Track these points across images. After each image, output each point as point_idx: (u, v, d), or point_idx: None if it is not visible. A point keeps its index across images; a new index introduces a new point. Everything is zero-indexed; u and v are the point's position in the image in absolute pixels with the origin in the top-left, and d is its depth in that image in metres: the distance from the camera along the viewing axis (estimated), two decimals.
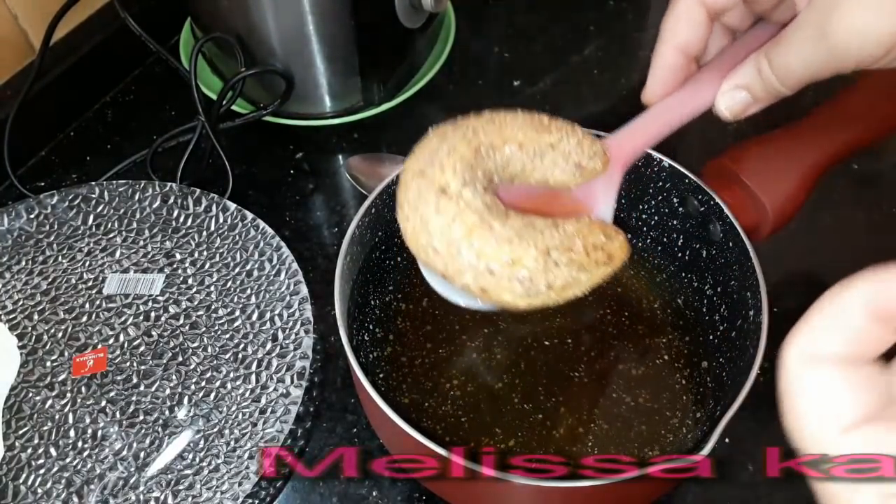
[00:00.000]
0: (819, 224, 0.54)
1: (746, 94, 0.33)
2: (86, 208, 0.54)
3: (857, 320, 0.19)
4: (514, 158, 0.33)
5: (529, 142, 0.33)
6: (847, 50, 0.29)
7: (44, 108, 0.60)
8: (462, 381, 0.46)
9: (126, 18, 0.59)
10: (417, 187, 0.32)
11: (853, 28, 0.28)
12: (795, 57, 0.31)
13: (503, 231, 0.31)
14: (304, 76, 0.58)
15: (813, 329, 0.19)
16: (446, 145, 0.32)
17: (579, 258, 0.32)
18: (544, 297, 0.32)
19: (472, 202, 0.31)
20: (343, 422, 0.47)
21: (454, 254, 0.31)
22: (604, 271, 0.33)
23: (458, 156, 0.32)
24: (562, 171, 0.34)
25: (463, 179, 0.31)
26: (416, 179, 0.32)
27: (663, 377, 0.45)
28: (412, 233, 0.32)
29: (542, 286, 0.31)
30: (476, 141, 0.33)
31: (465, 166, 0.32)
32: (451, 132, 0.33)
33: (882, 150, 0.59)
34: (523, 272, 0.31)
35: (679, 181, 0.45)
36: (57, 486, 0.43)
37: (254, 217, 0.53)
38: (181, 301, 0.50)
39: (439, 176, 0.31)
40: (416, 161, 0.33)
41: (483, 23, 0.70)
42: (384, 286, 0.49)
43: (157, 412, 0.45)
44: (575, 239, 0.32)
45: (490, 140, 0.33)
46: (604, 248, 0.33)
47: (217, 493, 0.42)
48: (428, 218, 0.31)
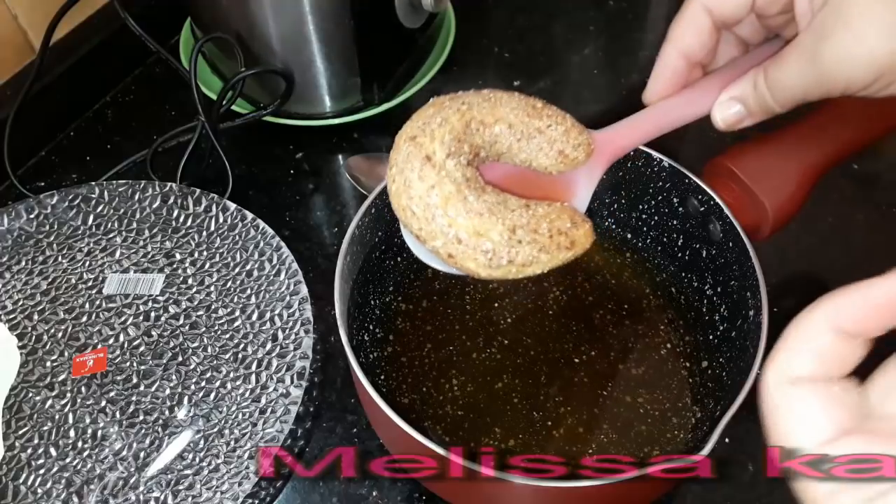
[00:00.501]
0: (819, 224, 0.54)
1: (741, 106, 0.34)
2: (86, 208, 0.54)
3: (824, 340, 0.20)
4: (502, 137, 0.35)
5: (519, 124, 0.35)
6: (836, 76, 0.30)
7: (44, 108, 0.60)
8: (462, 381, 0.46)
9: (126, 18, 0.60)
10: (407, 151, 0.34)
11: (842, 56, 0.29)
12: (788, 77, 0.31)
13: (476, 204, 0.33)
14: (304, 76, 0.58)
15: (786, 352, 0.20)
16: (440, 116, 0.34)
17: (542, 240, 0.34)
18: (504, 270, 0.34)
19: (452, 173, 0.33)
20: (343, 422, 0.47)
21: (429, 218, 0.33)
22: (564, 255, 0.35)
23: (448, 127, 0.34)
24: (545, 156, 0.35)
25: (449, 150, 0.33)
26: (407, 143, 0.34)
27: (663, 377, 0.45)
28: (395, 192, 0.34)
29: (504, 260, 0.33)
30: (469, 115, 0.34)
31: (453, 138, 0.33)
32: (448, 103, 0.35)
33: (882, 150, 0.59)
34: (487, 244, 0.33)
35: (679, 181, 0.45)
36: (57, 486, 0.43)
37: (254, 217, 0.53)
38: (181, 301, 0.50)
39: (428, 144, 0.33)
40: (411, 126, 0.35)
41: (483, 23, 0.70)
42: (384, 286, 0.49)
43: (157, 412, 0.45)
44: (542, 221, 0.34)
45: (482, 116, 0.34)
46: (567, 234, 0.35)
47: (217, 493, 0.42)
48: (411, 181, 0.33)
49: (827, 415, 0.19)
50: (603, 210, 0.51)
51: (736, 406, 0.35)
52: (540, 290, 0.49)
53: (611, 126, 0.38)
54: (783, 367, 0.20)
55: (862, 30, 0.28)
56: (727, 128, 0.35)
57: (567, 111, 0.36)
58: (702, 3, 0.34)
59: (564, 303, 0.49)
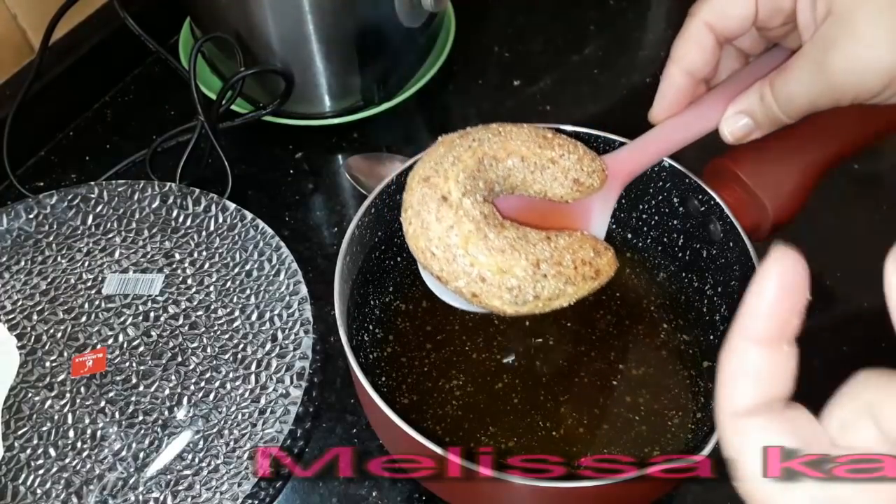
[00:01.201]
0: (819, 224, 0.54)
1: (749, 119, 0.34)
2: (85, 208, 0.54)
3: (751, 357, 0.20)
4: (515, 170, 0.35)
5: (532, 156, 0.35)
6: (845, 85, 0.30)
7: (43, 107, 0.60)
8: (462, 381, 0.45)
9: (125, 18, 0.59)
10: (421, 192, 0.33)
11: (851, 65, 0.29)
12: (796, 87, 0.31)
13: (497, 241, 0.33)
14: (304, 76, 0.58)
15: (724, 387, 0.20)
16: (452, 154, 0.34)
17: (567, 272, 0.34)
18: (531, 306, 0.34)
19: (470, 212, 0.33)
20: (343, 422, 0.47)
21: (450, 259, 0.33)
22: (590, 286, 0.35)
23: (461, 166, 0.33)
24: (560, 185, 0.35)
25: (464, 189, 0.33)
26: (421, 185, 0.34)
27: (663, 377, 0.45)
28: (413, 235, 0.34)
29: (530, 296, 0.33)
30: (480, 152, 0.34)
31: (467, 176, 0.33)
32: (459, 141, 0.35)
33: (882, 150, 0.59)
34: (512, 281, 0.33)
35: (679, 181, 0.45)
36: (56, 486, 0.43)
37: (253, 217, 0.53)
38: (180, 301, 0.50)
39: (442, 184, 0.33)
40: (423, 167, 0.34)
41: (483, 23, 0.70)
42: (384, 286, 0.49)
43: (157, 412, 0.45)
44: (565, 253, 0.34)
45: (494, 152, 0.34)
46: (591, 264, 0.35)
47: (216, 493, 0.42)
48: (428, 223, 0.33)
49: (786, 442, 0.19)
50: None
51: None
52: None
53: (621, 149, 0.38)
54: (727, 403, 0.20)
55: (870, 38, 0.28)
56: (735, 141, 0.35)
57: (567, 111, 0.36)
58: (703, 19, 0.34)
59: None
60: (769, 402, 0.20)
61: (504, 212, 0.35)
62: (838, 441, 0.18)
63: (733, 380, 0.20)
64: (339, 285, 0.40)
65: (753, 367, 0.20)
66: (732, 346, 0.20)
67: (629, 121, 0.51)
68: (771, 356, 0.20)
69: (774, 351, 0.20)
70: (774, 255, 0.19)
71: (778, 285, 0.19)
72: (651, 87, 0.38)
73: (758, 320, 0.19)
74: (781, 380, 0.20)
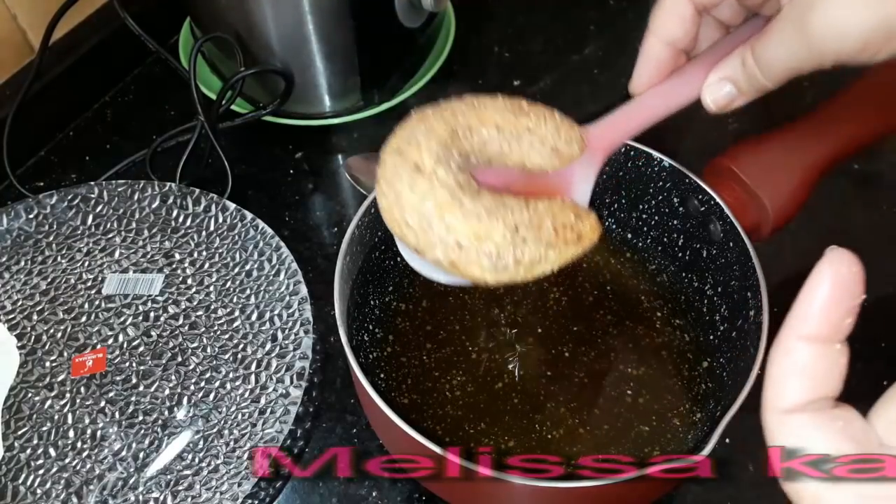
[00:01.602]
0: (819, 224, 0.54)
1: (731, 86, 0.34)
2: (85, 208, 0.54)
3: (802, 355, 0.20)
4: (491, 140, 0.34)
5: (507, 124, 0.34)
6: (825, 45, 0.29)
7: (43, 107, 0.60)
8: (462, 381, 0.45)
9: (125, 18, 0.59)
10: (394, 164, 0.33)
11: (831, 24, 0.29)
12: (777, 51, 0.31)
13: (473, 207, 0.32)
14: (304, 76, 0.58)
15: (773, 384, 0.20)
16: (424, 125, 0.34)
17: (548, 236, 0.33)
18: (512, 273, 0.32)
19: (444, 179, 0.32)
20: (343, 422, 0.47)
21: (425, 228, 0.32)
22: (573, 250, 0.34)
23: (434, 136, 0.33)
24: (538, 154, 0.35)
25: (437, 158, 0.32)
26: (393, 157, 0.33)
27: (663, 377, 0.45)
28: (387, 207, 0.33)
29: (510, 261, 0.32)
30: (454, 122, 0.34)
31: (440, 146, 0.33)
32: (432, 114, 0.34)
33: (882, 150, 0.59)
34: (491, 247, 0.32)
35: (679, 181, 0.45)
36: (56, 486, 0.43)
37: (253, 217, 0.53)
38: (180, 301, 0.50)
39: (415, 154, 0.33)
40: (396, 139, 0.34)
41: (483, 23, 0.70)
42: (384, 286, 0.49)
43: (157, 412, 0.45)
44: (545, 217, 0.33)
45: (468, 122, 0.34)
46: (573, 228, 0.34)
47: (216, 493, 0.42)
48: (402, 193, 0.32)
49: (836, 447, 0.19)
50: (603, 210, 0.51)
51: (736, 406, 0.35)
52: (540, 290, 0.49)
53: (602, 119, 0.37)
54: (776, 400, 0.20)
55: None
56: (718, 110, 0.34)
57: (567, 111, 0.36)
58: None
59: (564, 303, 0.49)
60: (818, 400, 0.20)
61: (481, 184, 0.34)
62: (886, 440, 0.19)
63: (783, 377, 0.20)
64: (339, 285, 0.40)
65: (804, 366, 0.20)
66: (783, 344, 0.20)
67: None
68: (822, 355, 0.20)
69: (826, 350, 0.20)
70: (829, 255, 0.19)
71: (832, 285, 0.19)
72: None
73: (810, 319, 0.19)
74: (831, 379, 0.20)
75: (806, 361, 0.20)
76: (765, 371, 0.21)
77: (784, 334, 0.20)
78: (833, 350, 0.20)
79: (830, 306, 0.19)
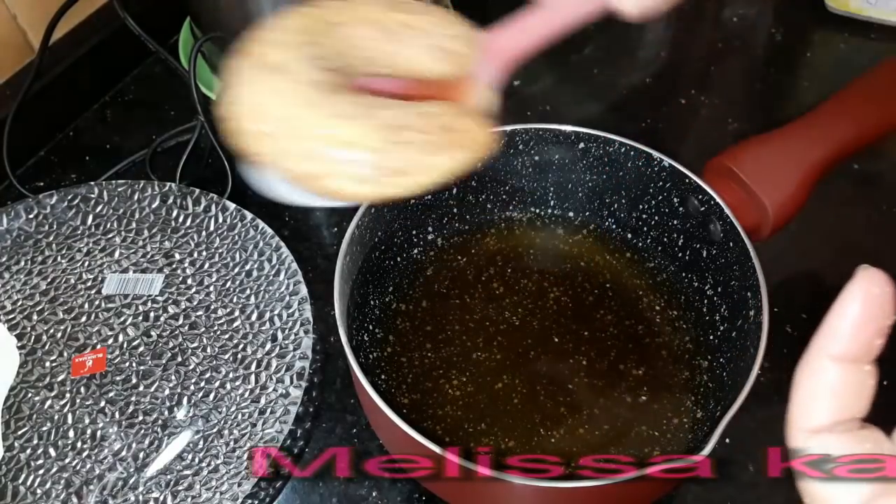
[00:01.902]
0: (819, 224, 0.54)
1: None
2: (85, 208, 0.54)
3: (831, 374, 0.19)
4: (366, 39, 0.29)
5: (381, 18, 0.29)
6: None
7: (43, 107, 0.60)
8: (462, 381, 0.45)
9: (125, 18, 0.59)
10: (248, 67, 0.28)
11: None
12: None
13: (342, 108, 0.27)
14: None
15: (799, 404, 0.20)
16: (278, 24, 0.29)
17: (436, 139, 0.28)
18: (395, 185, 0.27)
19: (303, 76, 0.27)
20: (343, 422, 0.47)
21: (285, 135, 0.27)
22: (464, 156, 0.29)
23: (288, 31, 0.29)
24: (425, 55, 0.30)
25: (294, 53, 0.28)
26: (248, 59, 0.28)
27: (663, 377, 0.45)
28: (235, 119, 0.28)
29: (389, 169, 0.27)
30: (314, 16, 0.29)
31: (297, 40, 0.28)
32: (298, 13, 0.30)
33: (882, 150, 0.59)
34: (366, 155, 0.26)
35: (679, 181, 0.45)
36: (56, 486, 0.43)
37: (253, 217, 0.53)
38: (180, 301, 0.50)
39: (267, 51, 0.28)
40: (252, 43, 0.29)
41: (483, 23, 0.70)
42: (384, 286, 0.49)
43: (157, 412, 0.45)
44: (433, 120, 0.28)
45: (331, 16, 0.29)
46: (466, 131, 0.29)
47: (216, 493, 0.42)
48: (257, 97, 0.27)
49: None
50: (603, 210, 0.51)
51: (736, 406, 0.35)
52: (540, 290, 0.49)
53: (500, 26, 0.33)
54: (803, 420, 0.20)
55: None
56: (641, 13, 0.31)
57: (567, 111, 0.35)
58: None
59: (564, 303, 0.49)
60: (845, 421, 0.20)
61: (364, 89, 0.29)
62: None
63: (811, 397, 0.20)
64: (339, 285, 0.40)
65: (832, 386, 0.19)
66: (811, 364, 0.20)
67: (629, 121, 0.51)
68: (850, 375, 0.19)
69: (855, 370, 0.19)
70: (860, 274, 0.19)
71: (862, 304, 0.19)
72: (651, 87, 0.37)
73: (840, 339, 0.19)
74: (858, 399, 0.20)
75: (834, 382, 0.19)
76: (791, 389, 0.20)
77: (812, 354, 0.20)
78: (862, 371, 0.19)
79: (861, 326, 0.19)
